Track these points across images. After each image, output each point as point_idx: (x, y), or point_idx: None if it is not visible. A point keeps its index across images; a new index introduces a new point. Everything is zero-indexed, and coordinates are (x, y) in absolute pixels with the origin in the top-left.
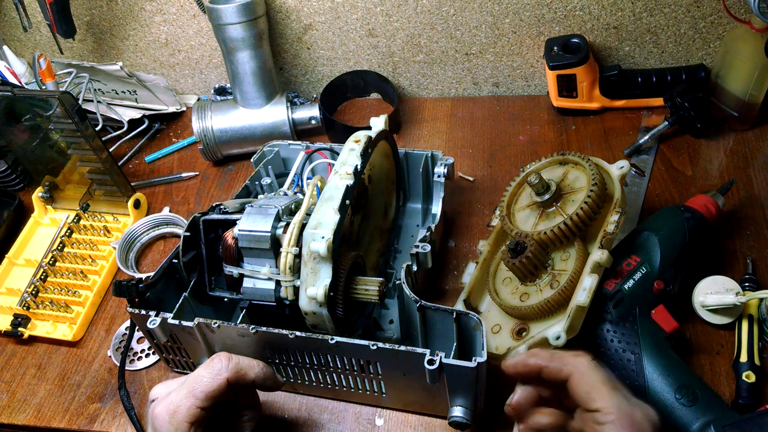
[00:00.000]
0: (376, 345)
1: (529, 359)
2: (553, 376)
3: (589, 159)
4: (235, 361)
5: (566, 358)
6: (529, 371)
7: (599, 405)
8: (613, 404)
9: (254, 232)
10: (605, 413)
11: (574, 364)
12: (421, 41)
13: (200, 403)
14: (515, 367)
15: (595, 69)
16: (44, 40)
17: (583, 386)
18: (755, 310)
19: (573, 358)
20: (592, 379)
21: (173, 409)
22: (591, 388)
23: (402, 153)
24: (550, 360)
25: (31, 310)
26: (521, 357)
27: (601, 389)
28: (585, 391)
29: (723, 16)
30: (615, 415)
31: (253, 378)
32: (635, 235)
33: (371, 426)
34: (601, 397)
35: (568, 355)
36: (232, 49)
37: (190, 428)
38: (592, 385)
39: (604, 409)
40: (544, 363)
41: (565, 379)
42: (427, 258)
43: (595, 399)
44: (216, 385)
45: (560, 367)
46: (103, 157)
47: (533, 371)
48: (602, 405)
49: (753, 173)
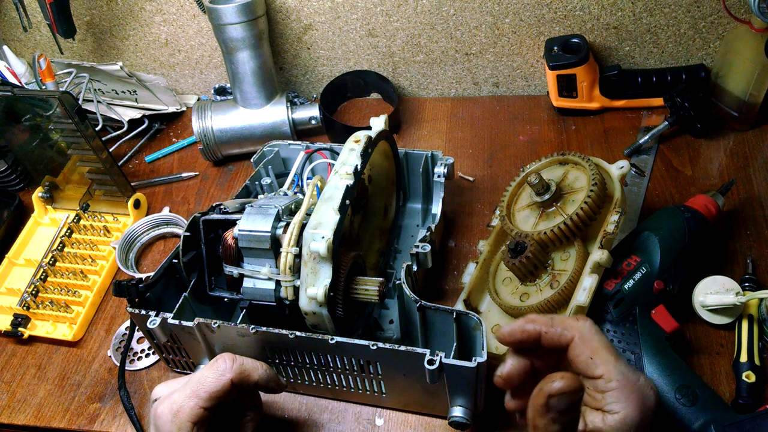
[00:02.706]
0: (376, 345)
1: (527, 325)
2: (553, 341)
3: (589, 159)
4: (239, 362)
5: (568, 322)
6: (528, 338)
7: (602, 371)
8: (617, 371)
9: (254, 232)
10: (609, 379)
11: (577, 328)
12: (421, 41)
13: (203, 404)
14: (512, 335)
15: (595, 69)
16: (44, 40)
17: (585, 351)
18: (755, 310)
19: (575, 323)
20: (595, 344)
21: (176, 409)
22: (594, 354)
23: (402, 153)
24: (550, 325)
25: (31, 310)
26: (518, 323)
27: (604, 355)
28: (587, 356)
29: (723, 16)
30: (618, 382)
31: (256, 379)
32: (635, 235)
33: (371, 426)
34: (605, 362)
35: (569, 320)
36: (232, 49)
37: (193, 428)
38: (595, 350)
39: (608, 374)
40: (544, 328)
41: (566, 344)
42: (427, 258)
43: (598, 365)
44: (220, 386)
45: (561, 331)
46: (103, 157)
47: (532, 338)
48: (605, 371)
49: (753, 173)
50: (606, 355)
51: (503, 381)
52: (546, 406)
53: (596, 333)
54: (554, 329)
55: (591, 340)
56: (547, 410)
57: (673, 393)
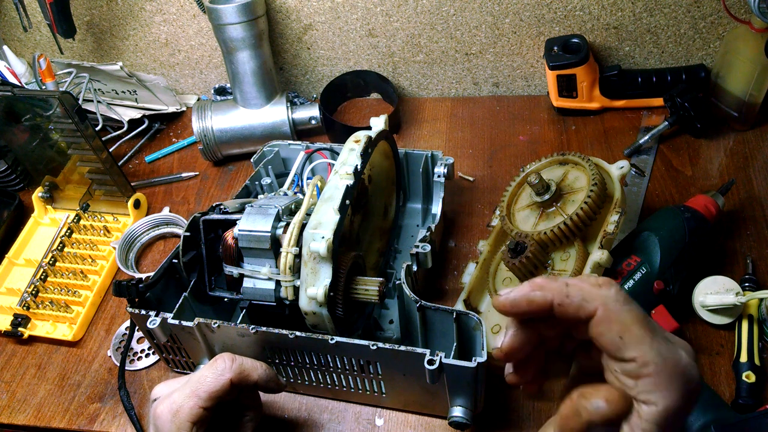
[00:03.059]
0: (376, 345)
1: (534, 293)
2: (570, 315)
3: (589, 159)
4: (239, 362)
5: (586, 289)
6: (537, 308)
7: (635, 353)
8: (655, 353)
9: (254, 232)
10: (644, 363)
11: (601, 297)
12: (421, 41)
13: (203, 403)
14: (515, 306)
15: (595, 69)
16: (44, 40)
17: (613, 329)
18: (755, 310)
19: (597, 290)
20: (625, 319)
21: (176, 409)
22: (624, 331)
23: (402, 153)
24: (565, 294)
25: (31, 310)
26: (522, 290)
27: (638, 332)
28: (615, 335)
29: (723, 16)
30: (658, 365)
31: (256, 379)
32: (635, 235)
33: (371, 426)
34: (638, 341)
35: (588, 286)
36: (232, 49)
37: (192, 428)
38: (625, 327)
39: (642, 357)
40: (557, 299)
41: (586, 318)
42: (427, 258)
43: (630, 345)
44: (219, 386)
45: (579, 302)
46: (103, 157)
47: (541, 309)
48: (640, 353)
49: (753, 173)
50: (639, 333)
51: (504, 355)
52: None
53: (625, 303)
54: (571, 300)
55: (619, 312)
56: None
57: None
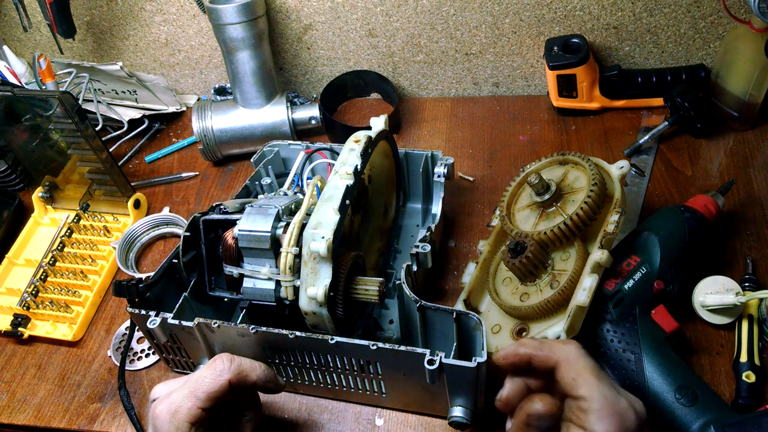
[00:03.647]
0: (376, 345)
1: (519, 349)
2: (542, 364)
3: (589, 159)
4: (237, 363)
5: (555, 346)
6: (520, 361)
7: (583, 392)
8: (598, 392)
9: (254, 232)
10: (589, 400)
11: (563, 351)
12: (421, 41)
13: (201, 404)
14: (506, 358)
15: (595, 69)
16: (44, 40)
17: (570, 373)
18: (755, 310)
19: (561, 346)
20: (579, 366)
21: (174, 409)
22: (577, 375)
23: (402, 153)
24: (539, 348)
25: (31, 310)
26: (512, 348)
27: (587, 377)
28: (571, 377)
29: (723, 16)
30: (599, 402)
31: (254, 380)
32: (635, 235)
33: (371, 426)
34: (586, 384)
35: (557, 344)
36: (232, 49)
37: (191, 428)
38: (578, 372)
39: (589, 396)
40: (533, 352)
41: (553, 367)
42: (427, 258)
43: (581, 386)
44: (218, 386)
45: (548, 354)
46: (103, 157)
47: (524, 361)
48: (586, 392)
49: (753, 173)
50: (588, 377)
51: (503, 404)
52: (527, 424)
53: (581, 356)
54: (542, 352)
55: (575, 362)
56: (528, 427)
57: (673, 393)
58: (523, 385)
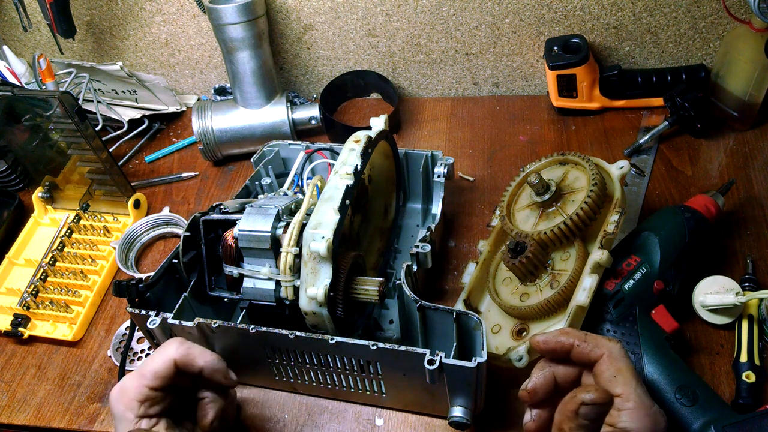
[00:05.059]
0: (376, 345)
1: (562, 336)
2: (583, 356)
3: (589, 159)
4: (186, 346)
5: (601, 340)
6: (561, 348)
7: (621, 390)
8: (635, 393)
9: (254, 232)
10: (625, 399)
11: (608, 346)
12: (421, 41)
13: (148, 382)
14: (546, 343)
15: (595, 69)
16: (44, 40)
17: (611, 369)
18: (755, 310)
19: (606, 342)
20: (621, 365)
21: (124, 388)
22: (618, 373)
23: (402, 153)
24: (583, 339)
25: (31, 310)
26: (553, 333)
27: (627, 376)
28: (612, 374)
29: (723, 16)
30: (635, 402)
31: (201, 365)
32: (635, 235)
33: (371, 426)
34: (626, 382)
35: (602, 338)
36: (232, 49)
37: (139, 407)
38: (619, 370)
39: (626, 395)
40: (577, 342)
41: (595, 360)
42: (427, 258)
43: (620, 383)
44: (163, 365)
45: (593, 347)
46: (103, 157)
47: (564, 349)
48: (624, 391)
49: (753, 173)
50: (628, 377)
51: (528, 395)
52: (576, 413)
53: (624, 355)
54: (587, 344)
55: (618, 360)
56: (576, 416)
57: (673, 393)
58: (552, 377)
